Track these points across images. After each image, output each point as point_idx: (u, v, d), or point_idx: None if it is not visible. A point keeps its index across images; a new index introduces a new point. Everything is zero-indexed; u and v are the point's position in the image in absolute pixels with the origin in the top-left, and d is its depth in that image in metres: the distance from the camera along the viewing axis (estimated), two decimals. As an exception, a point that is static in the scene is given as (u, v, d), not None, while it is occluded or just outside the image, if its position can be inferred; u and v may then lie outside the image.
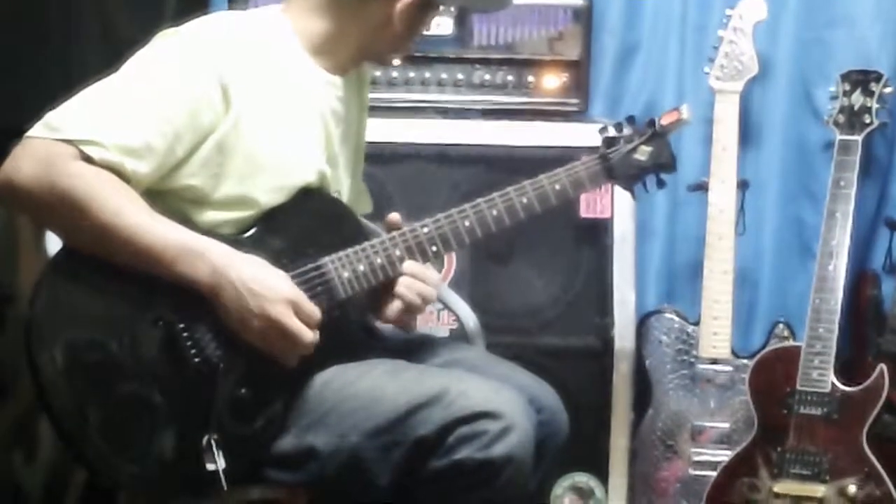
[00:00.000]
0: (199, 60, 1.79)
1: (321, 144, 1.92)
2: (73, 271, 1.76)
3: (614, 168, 1.99)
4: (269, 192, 1.84)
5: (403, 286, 1.88)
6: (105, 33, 2.66)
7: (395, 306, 1.89)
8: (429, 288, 1.90)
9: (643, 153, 1.98)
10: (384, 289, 1.90)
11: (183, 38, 1.83)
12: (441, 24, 2.68)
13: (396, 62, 2.59)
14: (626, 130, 2.00)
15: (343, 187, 2.01)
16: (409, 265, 1.89)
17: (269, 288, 1.74)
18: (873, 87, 2.70)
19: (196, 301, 1.75)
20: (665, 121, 1.99)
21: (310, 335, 1.77)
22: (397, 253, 1.89)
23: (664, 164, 2.01)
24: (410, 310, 1.90)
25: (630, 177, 2.01)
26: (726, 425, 2.75)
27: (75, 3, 2.65)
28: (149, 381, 1.75)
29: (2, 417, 2.38)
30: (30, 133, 1.71)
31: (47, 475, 2.45)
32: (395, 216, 1.93)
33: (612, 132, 2.00)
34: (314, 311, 1.78)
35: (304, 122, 1.90)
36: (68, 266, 1.77)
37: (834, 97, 2.74)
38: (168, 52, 1.81)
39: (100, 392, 1.73)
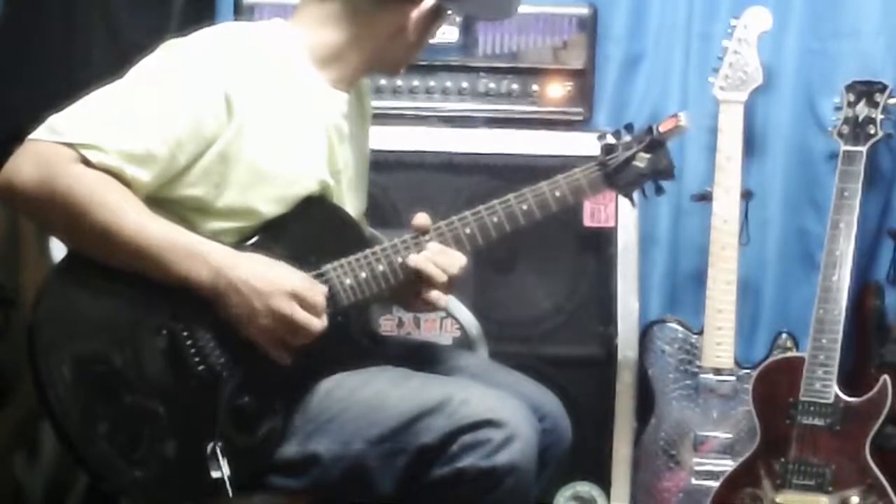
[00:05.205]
0: (204, 70, 1.79)
1: (324, 156, 1.92)
2: (77, 278, 1.76)
3: (613, 175, 1.98)
4: (271, 202, 1.84)
5: (424, 259, 1.87)
6: (109, 37, 2.66)
7: (418, 286, 1.88)
8: (451, 260, 1.88)
9: (642, 160, 1.98)
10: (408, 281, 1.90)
11: (188, 47, 1.83)
12: (446, 33, 2.69)
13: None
14: (625, 138, 2.00)
15: (346, 205, 2.00)
16: (431, 245, 1.89)
17: (271, 283, 1.74)
18: (878, 98, 2.70)
19: (199, 309, 1.75)
20: (663, 128, 1.99)
21: (317, 324, 1.77)
22: (399, 260, 1.88)
23: (663, 171, 2.00)
24: (432, 283, 1.88)
25: (629, 184, 2.00)
26: (729, 435, 2.75)
27: (80, 6, 2.65)
28: (152, 388, 1.75)
29: (4, 420, 2.38)
30: (32, 136, 1.72)
31: (49, 479, 2.45)
32: (422, 217, 1.92)
33: (610, 139, 2.00)
34: (319, 298, 1.78)
35: (307, 133, 1.89)
36: (71, 273, 1.77)
37: (838, 108, 2.74)
38: (173, 60, 1.81)
39: (102, 399, 1.73)
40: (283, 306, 1.74)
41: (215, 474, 1.74)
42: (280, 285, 1.75)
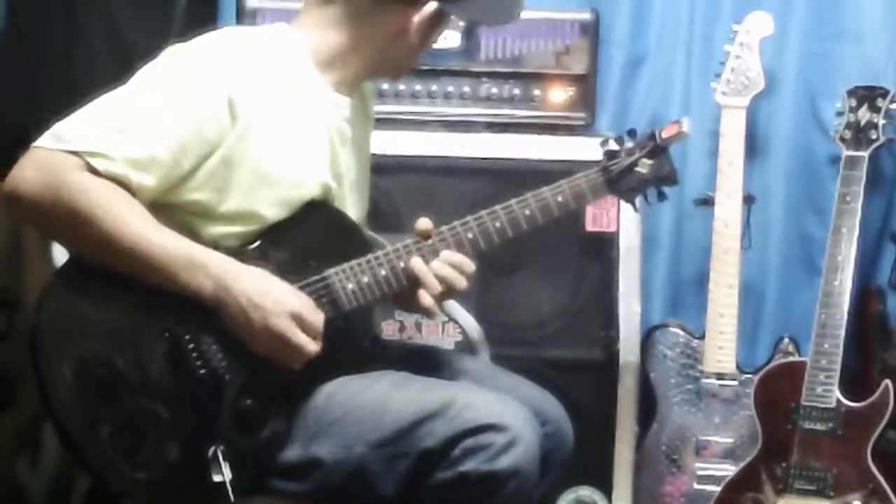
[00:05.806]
0: (207, 74, 1.80)
1: (326, 160, 1.92)
2: (80, 282, 1.77)
3: (615, 181, 1.99)
4: (274, 206, 1.85)
5: (431, 268, 1.88)
6: (112, 40, 2.67)
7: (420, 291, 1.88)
8: (456, 273, 1.89)
9: (644, 166, 1.99)
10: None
11: (191, 52, 1.83)
12: (448, 38, 2.69)
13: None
14: (628, 143, 2.00)
15: (348, 208, 2.01)
16: (446, 253, 1.89)
17: (272, 301, 1.74)
18: (880, 102, 2.70)
19: (202, 312, 1.76)
20: (666, 134, 1.99)
21: (313, 347, 1.77)
22: (402, 265, 1.89)
23: (665, 176, 2.01)
24: (436, 292, 1.89)
25: (631, 189, 2.01)
26: (731, 440, 2.75)
27: (81, 8, 2.66)
28: (154, 391, 1.76)
29: (6, 422, 2.39)
30: (37, 143, 1.72)
31: (51, 481, 2.45)
32: (425, 221, 1.92)
33: (613, 145, 2.00)
34: (318, 321, 1.78)
35: (310, 137, 1.90)
36: (75, 276, 1.78)
37: (840, 113, 2.74)
38: (176, 65, 1.81)
39: (104, 401, 1.74)
40: (282, 325, 1.75)
41: (217, 478, 1.74)
42: (280, 304, 1.75)
